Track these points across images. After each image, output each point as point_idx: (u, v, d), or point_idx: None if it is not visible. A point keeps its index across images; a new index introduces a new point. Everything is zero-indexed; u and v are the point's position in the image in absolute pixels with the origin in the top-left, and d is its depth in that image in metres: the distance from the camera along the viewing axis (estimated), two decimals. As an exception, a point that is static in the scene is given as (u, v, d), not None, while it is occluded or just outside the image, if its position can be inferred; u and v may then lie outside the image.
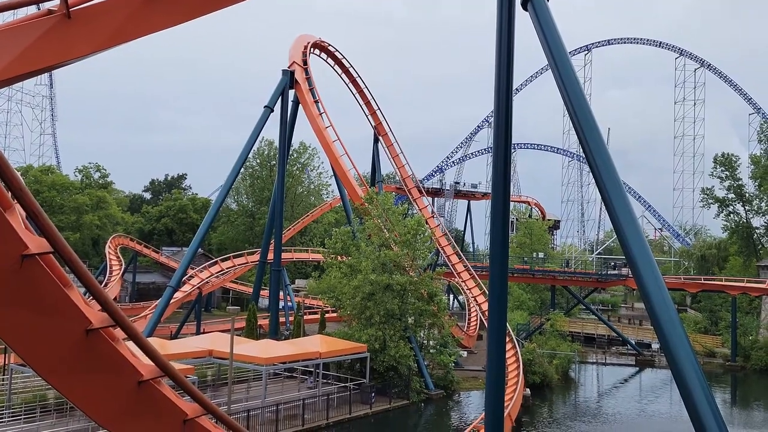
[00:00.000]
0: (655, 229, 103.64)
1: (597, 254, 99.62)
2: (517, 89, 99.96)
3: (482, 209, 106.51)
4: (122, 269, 64.02)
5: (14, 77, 6.58)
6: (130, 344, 7.61)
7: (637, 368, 53.02)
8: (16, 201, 5.87)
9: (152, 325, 38.59)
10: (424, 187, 65.36)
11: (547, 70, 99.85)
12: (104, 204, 77.15)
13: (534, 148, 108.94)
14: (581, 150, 12.53)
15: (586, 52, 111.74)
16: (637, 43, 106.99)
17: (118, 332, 7.34)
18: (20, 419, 25.04)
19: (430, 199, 75.91)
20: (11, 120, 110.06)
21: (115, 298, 58.91)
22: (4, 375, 29.73)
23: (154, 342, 24.62)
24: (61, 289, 6.26)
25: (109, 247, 65.25)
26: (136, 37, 7.71)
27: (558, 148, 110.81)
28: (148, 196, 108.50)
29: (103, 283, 57.85)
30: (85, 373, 6.85)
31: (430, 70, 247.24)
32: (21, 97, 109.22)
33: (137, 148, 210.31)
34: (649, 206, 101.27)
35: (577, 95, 12.10)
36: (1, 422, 24.73)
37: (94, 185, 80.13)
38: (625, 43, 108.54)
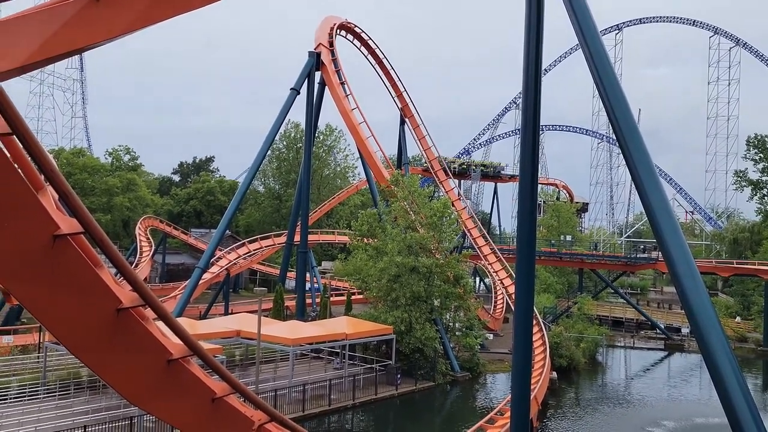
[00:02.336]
0: (687, 211, 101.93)
1: (626, 237, 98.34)
2: (545, 70, 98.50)
3: (509, 192, 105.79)
4: (152, 250, 64.95)
5: (45, 59, 6.65)
6: (160, 324, 7.73)
7: (666, 352, 52.44)
8: (48, 183, 5.96)
9: (181, 305, 39.14)
10: (450, 170, 64.98)
11: (575, 50, 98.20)
12: (134, 186, 78.11)
13: (563, 130, 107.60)
14: (611, 131, 12.34)
15: (617, 31, 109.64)
16: (670, 21, 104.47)
17: (148, 312, 7.45)
18: (55, 395, 25.69)
19: (456, 181, 75.53)
20: (43, 103, 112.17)
21: (145, 279, 59.91)
22: (39, 353, 30.54)
23: (183, 322, 25.03)
24: (92, 268, 6.35)
25: (139, 228, 66.22)
26: (163, 19, 7.74)
27: (587, 130, 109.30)
28: (176, 178, 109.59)
29: (134, 263, 58.78)
30: (116, 351, 6.97)
31: (459, 51, 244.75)
32: (53, 81, 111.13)
33: (166, 130, 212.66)
34: (681, 188, 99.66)
35: (608, 75, 11.88)
36: (37, 398, 25.42)
37: (124, 167, 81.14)
38: (657, 21, 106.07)
